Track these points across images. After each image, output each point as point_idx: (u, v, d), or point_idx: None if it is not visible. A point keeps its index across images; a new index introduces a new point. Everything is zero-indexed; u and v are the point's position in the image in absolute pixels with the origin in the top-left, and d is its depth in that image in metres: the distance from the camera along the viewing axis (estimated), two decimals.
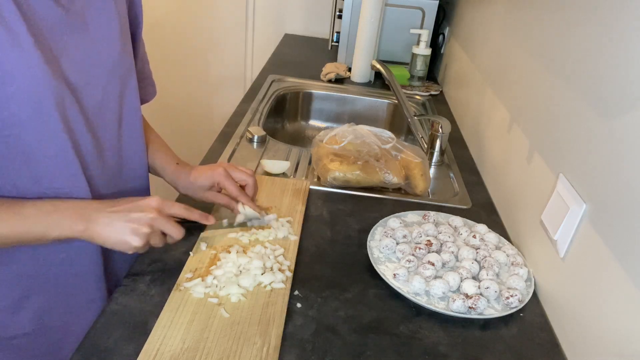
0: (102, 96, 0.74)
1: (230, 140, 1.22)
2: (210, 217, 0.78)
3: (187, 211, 0.75)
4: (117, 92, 0.77)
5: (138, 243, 0.68)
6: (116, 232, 0.67)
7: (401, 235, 0.89)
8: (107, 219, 0.68)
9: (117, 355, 0.63)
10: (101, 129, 0.75)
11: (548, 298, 0.80)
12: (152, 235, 0.70)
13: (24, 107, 0.62)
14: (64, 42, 0.66)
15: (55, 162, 0.68)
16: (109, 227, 0.67)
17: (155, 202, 0.71)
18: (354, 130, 1.13)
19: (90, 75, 0.71)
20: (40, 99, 0.63)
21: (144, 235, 0.68)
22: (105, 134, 0.76)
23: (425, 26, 1.81)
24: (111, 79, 0.75)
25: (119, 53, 0.75)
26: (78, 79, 0.69)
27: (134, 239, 0.67)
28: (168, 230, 0.71)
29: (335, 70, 1.74)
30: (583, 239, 0.72)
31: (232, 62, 2.38)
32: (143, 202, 0.71)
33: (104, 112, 0.75)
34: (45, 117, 0.64)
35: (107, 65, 0.73)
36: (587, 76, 0.77)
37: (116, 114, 0.78)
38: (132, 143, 0.83)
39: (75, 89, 0.68)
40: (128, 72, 0.79)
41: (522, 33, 1.09)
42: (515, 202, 1.00)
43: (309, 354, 0.67)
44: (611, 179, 0.67)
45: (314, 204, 1.01)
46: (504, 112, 1.13)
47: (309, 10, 2.28)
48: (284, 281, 0.77)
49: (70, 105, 0.67)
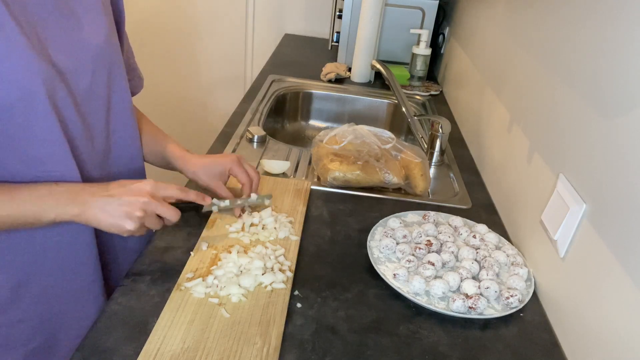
0: (91, 81, 0.74)
1: (230, 140, 1.22)
2: (207, 197, 0.80)
3: (183, 192, 0.76)
4: (104, 79, 0.77)
5: (132, 227, 0.69)
6: (110, 215, 0.69)
7: (401, 235, 0.89)
8: (101, 203, 0.69)
9: (117, 355, 0.63)
10: (91, 115, 0.76)
11: (548, 298, 0.81)
12: (146, 218, 0.71)
13: (11, 91, 0.62)
14: (51, 28, 0.67)
15: (44, 145, 0.68)
16: (103, 211, 0.68)
17: (149, 185, 0.72)
18: (354, 130, 1.13)
19: (78, 60, 0.71)
20: (28, 83, 0.63)
21: (137, 219, 0.69)
22: (94, 119, 0.77)
23: (425, 26, 1.81)
24: (98, 65, 0.75)
25: (105, 40, 0.76)
26: (67, 63, 0.69)
27: (127, 222, 0.69)
28: (162, 213, 0.72)
29: (335, 70, 1.74)
30: (583, 239, 0.72)
31: (232, 62, 2.38)
32: (136, 185, 0.72)
33: (92, 98, 0.75)
34: (34, 101, 0.65)
35: (94, 51, 0.74)
36: (587, 76, 0.77)
37: (104, 101, 0.78)
38: (121, 130, 0.84)
39: (64, 74, 0.69)
40: (115, 59, 0.80)
41: (522, 33, 1.09)
42: (515, 202, 1.00)
43: (309, 354, 0.67)
44: (611, 179, 0.67)
45: (314, 204, 1.01)
46: (504, 112, 1.13)
47: (309, 10, 2.28)
48: (285, 281, 0.77)
49: (59, 89, 0.68)
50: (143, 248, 0.83)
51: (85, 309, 0.80)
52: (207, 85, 2.44)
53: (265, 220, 0.90)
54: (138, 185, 0.72)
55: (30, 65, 0.63)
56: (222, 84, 2.43)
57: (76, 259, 0.78)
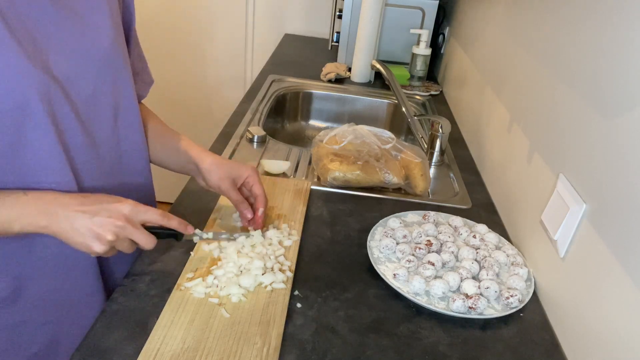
0: (94, 88, 0.72)
1: (230, 140, 1.22)
2: (189, 226, 0.74)
3: (164, 218, 0.71)
4: (110, 84, 0.75)
5: (99, 249, 0.65)
6: (79, 234, 0.64)
7: (401, 235, 0.89)
8: (71, 219, 0.64)
9: (117, 355, 0.63)
10: (94, 123, 0.73)
11: (548, 298, 0.81)
12: (118, 242, 0.66)
13: (5, 100, 0.61)
14: (51, 34, 0.65)
15: (38, 154, 0.66)
16: (72, 228, 0.64)
17: (127, 208, 0.67)
18: (354, 130, 1.13)
19: (80, 66, 0.69)
20: (20, 92, 0.61)
21: (107, 243, 0.65)
22: (99, 127, 0.74)
23: (425, 26, 1.81)
24: (103, 70, 0.73)
25: (111, 43, 0.73)
26: (68, 71, 0.67)
27: (96, 244, 0.64)
28: (137, 240, 0.67)
29: (335, 70, 1.74)
30: (583, 239, 0.72)
31: (232, 62, 2.38)
32: (114, 206, 0.66)
33: (96, 105, 0.73)
34: (28, 110, 0.63)
35: (98, 56, 0.72)
36: (587, 76, 0.77)
37: (111, 107, 0.76)
38: (130, 137, 0.81)
39: (64, 82, 0.67)
40: (122, 63, 0.77)
41: (522, 33, 1.09)
42: (515, 202, 1.00)
43: (309, 354, 0.67)
44: (611, 179, 0.67)
45: (314, 204, 1.01)
46: (504, 112, 1.13)
47: (309, 10, 2.28)
48: (285, 281, 0.77)
49: (56, 96, 0.66)
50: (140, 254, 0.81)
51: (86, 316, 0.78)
52: (207, 85, 2.44)
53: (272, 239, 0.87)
54: (116, 206, 0.66)
55: (22, 73, 0.61)
56: (222, 84, 2.43)
57: (76, 270, 0.77)
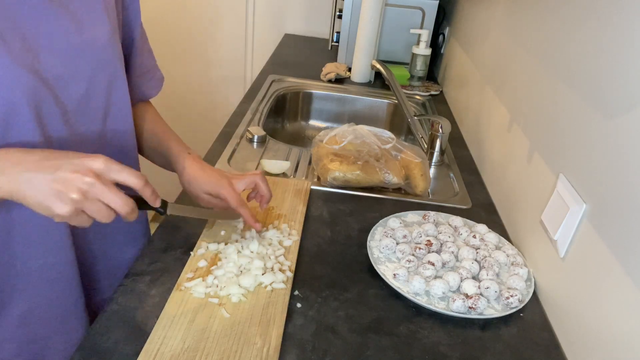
0: (87, 88, 0.70)
1: (230, 140, 1.22)
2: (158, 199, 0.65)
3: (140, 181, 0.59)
4: (103, 86, 0.73)
5: (62, 211, 0.54)
6: (37, 192, 0.54)
7: (401, 235, 0.89)
8: (28, 174, 0.54)
9: (117, 355, 0.63)
10: (83, 125, 0.72)
11: (548, 298, 0.81)
12: (86, 203, 0.55)
13: None
14: (42, 32, 0.63)
15: None
16: (29, 185, 0.54)
17: (97, 163, 0.56)
18: (354, 130, 1.13)
19: (73, 65, 0.68)
20: (7, 94, 0.60)
21: (71, 202, 0.54)
22: (87, 128, 0.73)
23: (425, 26, 1.81)
24: (98, 71, 0.71)
25: (107, 43, 0.71)
26: (59, 69, 0.66)
27: (57, 205, 0.54)
28: (109, 201, 0.56)
29: (335, 70, 1.74)
30: (583, 239, 0.72)
31: (232, 62, 2.38)
32: (81, 160, 0.56)
33: (87, 106, 0.71)
34: (13, 111, 0.61)
35: (93, 54, 0.69)
36: (587, 76, 0.77)
37: (102, 108, 0.74)
38: (119, 138, 0.79)
39: (55, 82, 0.65)
40: (118, 64, 0.75)
41: (522, 33, 1.09)
42: (515, 202, 1.00)
43: (309, 354, 0.67)
44: (611, 179, 0.67)
45: (314, 204, 1.01)
46: (504, 112, 1.13)
47: (309, 10, 2.28)
48: (285, 281, 0.77)
49: (45, 98, 0.64)
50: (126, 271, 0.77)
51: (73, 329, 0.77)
52: (207, 85, 2.44)
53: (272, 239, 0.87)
54: (84, 160, 0.56)
55: (11, 76, 0.59)
56: (222, 84, 2.43)
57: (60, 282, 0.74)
